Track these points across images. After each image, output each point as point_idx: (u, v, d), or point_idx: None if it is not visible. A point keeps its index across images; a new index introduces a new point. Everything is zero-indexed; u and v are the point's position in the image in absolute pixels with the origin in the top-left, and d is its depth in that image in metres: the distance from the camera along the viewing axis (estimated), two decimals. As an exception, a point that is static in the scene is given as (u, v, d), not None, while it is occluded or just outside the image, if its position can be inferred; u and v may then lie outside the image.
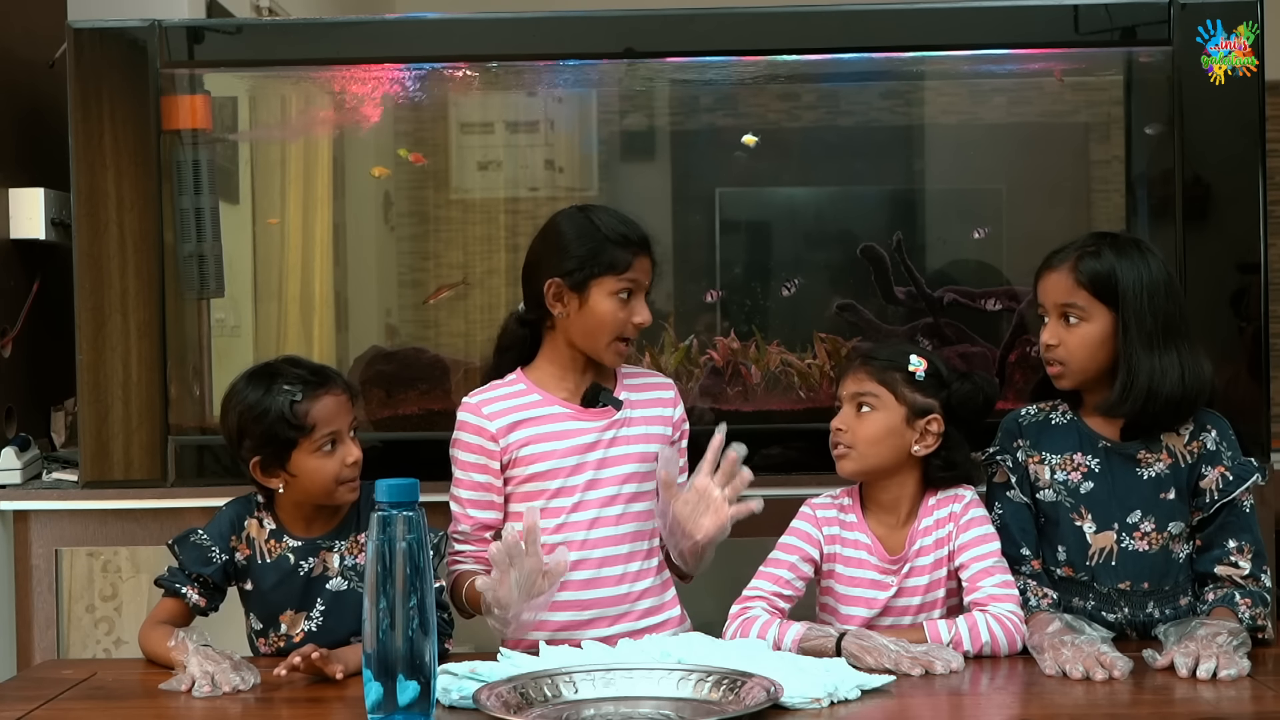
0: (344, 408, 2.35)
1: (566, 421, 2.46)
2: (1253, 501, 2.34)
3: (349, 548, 2.37)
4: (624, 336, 2.44)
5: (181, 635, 2.19)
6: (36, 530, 3.00)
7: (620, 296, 2.42)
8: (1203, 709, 1.97)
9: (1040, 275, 2.39)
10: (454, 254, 3.83)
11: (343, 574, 2.36)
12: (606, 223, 2.43)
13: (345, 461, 2.33)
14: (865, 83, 3.46)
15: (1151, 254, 2.35)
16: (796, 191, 3.83)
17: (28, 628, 3.00)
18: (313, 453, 2.31)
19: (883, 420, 2.36)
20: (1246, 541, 2.31)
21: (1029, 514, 2.38)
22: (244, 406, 2.33)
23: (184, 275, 3.06)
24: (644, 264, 2.45)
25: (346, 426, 2.35)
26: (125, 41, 2.98)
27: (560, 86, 3.62)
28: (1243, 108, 2.85)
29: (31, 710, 2.06)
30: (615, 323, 2.42)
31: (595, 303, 2.42)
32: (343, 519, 2.39)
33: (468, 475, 2.47)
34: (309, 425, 2.30)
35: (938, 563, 2.34)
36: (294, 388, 2.32)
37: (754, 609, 2.33)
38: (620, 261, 2.41)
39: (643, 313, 2.44)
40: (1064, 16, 2.93)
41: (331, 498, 2.34)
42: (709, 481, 2.35)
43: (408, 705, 1.81)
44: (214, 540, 2.37)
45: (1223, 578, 2.31)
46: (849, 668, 2.09)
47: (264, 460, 2.33)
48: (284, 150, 3.66)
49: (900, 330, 3.24)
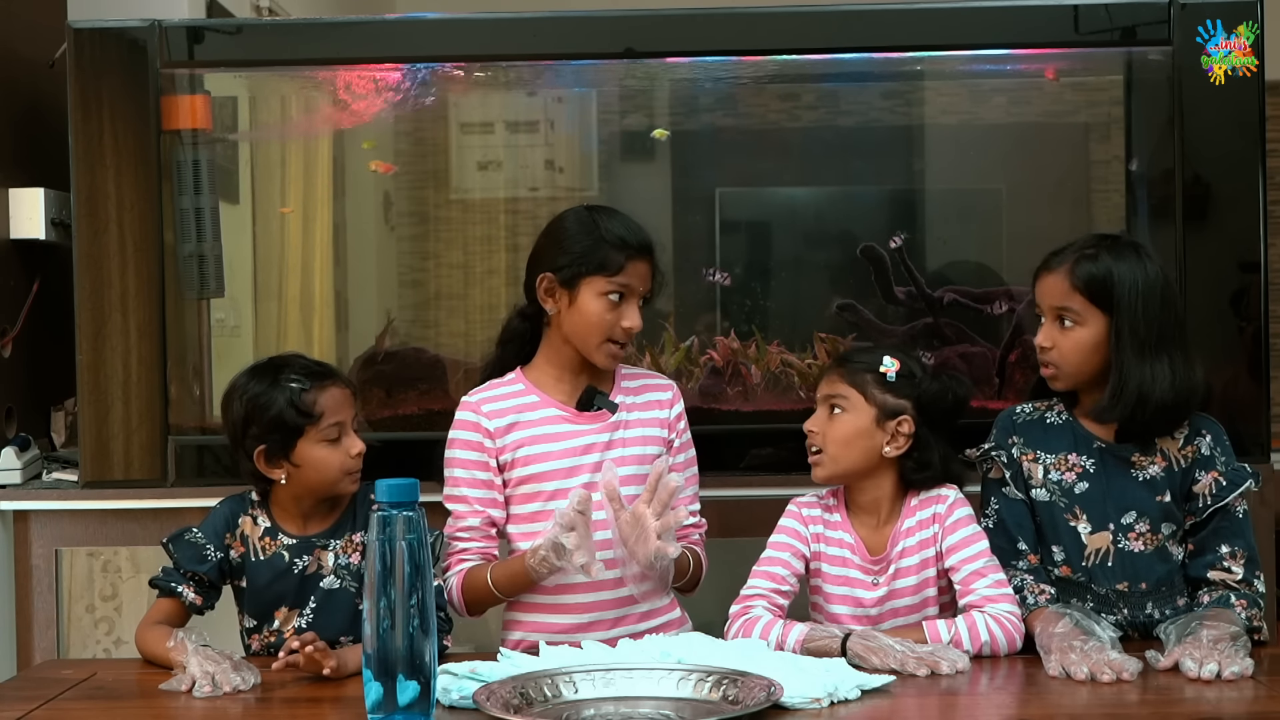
0: (348, 400, 2.39)
1: (563, 424, 2.46)
2: (1246, 507, 2.34)
3: (344, 546, 2.38)
4: (613, 339, 2.43)
5: (180, 635, 2.20)
6: (36, 530, 3.00)
7: (610, 298, 2.41)
8: (1204, 709, 1.97)
9: (1038, 276, 2.39)
10: (454, 254, 3.83)
11: (336, 573, 2.37)
12: (607, 224, 2.43)
13: (350, 452, 2.35)
14: (865, 83, 3.46)
15: (1150, 259, 2.34)
16: (796, 192, 3.83)
17: (28, 628, 3.00)
18: (319, 442, 2.33)
19: (852, 422, 2.36)
20: (1240, 547, 2.31)
21: (1025, 510, 2.37)
22: (250, 396, 2.36)
23: (184, 275, 3.06)
24: (639, 269, 2.43)
25: (350, 419, 2.38)
26: (125, 41, 2.98)
27: (560, 86, 3.62)
28: (1242, 108, 2.85)
29: (31, 710, 2.06)
30: (602, 324, 2.41)
31: (584, 301, 2.42)
32: (339, 518, 2.40)
33: (470, 473, 2.46)
34: (316, 413, 2.33)
35: (924, 563, 2.34)
36: (300, 378, 2.35)
37: (755, 608, 2.33)
38: (612, 263, 2.41)
39: (632, 318, 2.42)
40: (1064, 16, 2.92)
41: (335, 488, 2.36)
42: (645, 510, 2.30)
43: (408, 705, 1.81)
44: (209, 538, 2.38)
45: (1216, 582, 2.31)
46: (849, 668, 2.09)
47: (269, 449, 2.34)
48: (284, 150, 3.66)
49: (899, 330, 3.24)
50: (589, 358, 2.45)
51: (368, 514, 2.33)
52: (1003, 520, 2.37)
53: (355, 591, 2.36)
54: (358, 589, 2.35)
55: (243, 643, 2.43)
